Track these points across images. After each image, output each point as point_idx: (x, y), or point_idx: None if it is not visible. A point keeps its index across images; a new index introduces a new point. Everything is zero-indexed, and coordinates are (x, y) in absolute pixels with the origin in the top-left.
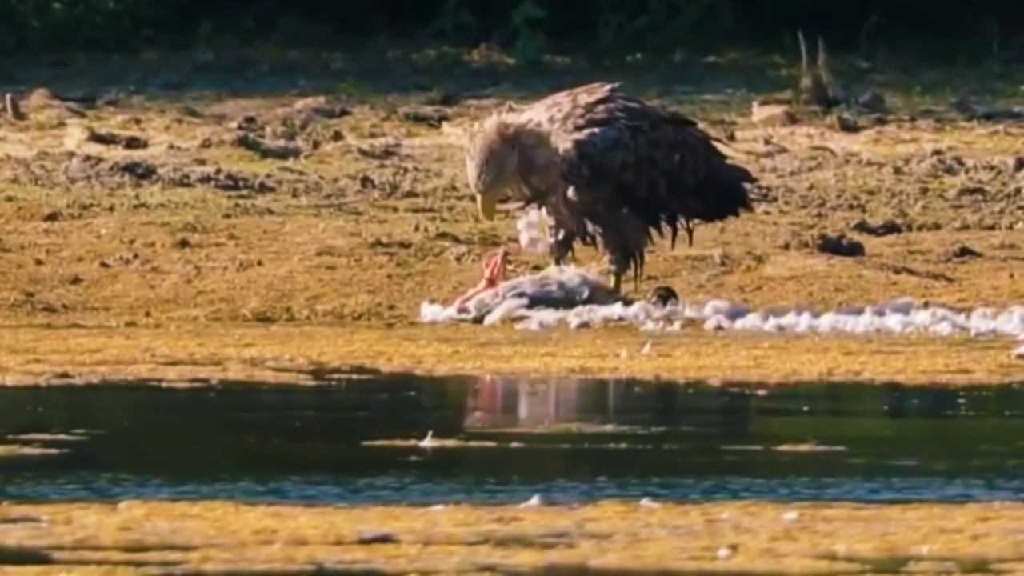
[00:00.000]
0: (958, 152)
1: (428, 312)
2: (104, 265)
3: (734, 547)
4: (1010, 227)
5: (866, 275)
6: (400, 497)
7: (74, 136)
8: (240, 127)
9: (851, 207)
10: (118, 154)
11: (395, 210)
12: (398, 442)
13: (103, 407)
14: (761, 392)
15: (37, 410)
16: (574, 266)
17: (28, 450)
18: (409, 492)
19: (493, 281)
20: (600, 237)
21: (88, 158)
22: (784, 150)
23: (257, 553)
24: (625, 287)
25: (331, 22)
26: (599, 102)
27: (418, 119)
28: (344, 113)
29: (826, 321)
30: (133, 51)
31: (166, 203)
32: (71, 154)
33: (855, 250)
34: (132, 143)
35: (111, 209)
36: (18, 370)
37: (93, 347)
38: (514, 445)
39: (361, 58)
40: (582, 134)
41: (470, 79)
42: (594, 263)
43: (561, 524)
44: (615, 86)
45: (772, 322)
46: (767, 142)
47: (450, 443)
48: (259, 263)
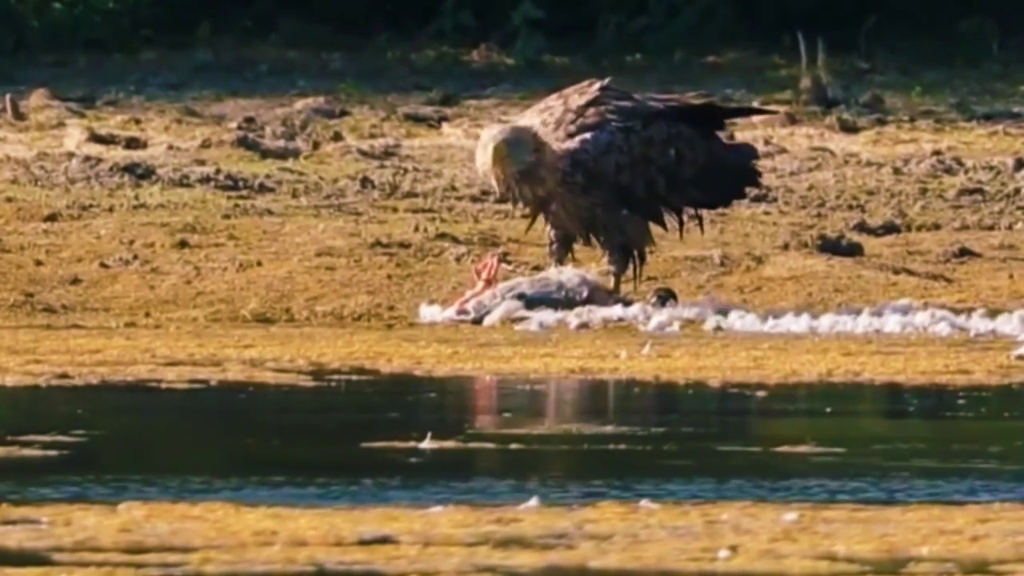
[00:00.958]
0: (957, 152)
1: (426, 313)
2: (104, 266)
3: (734, 548)
4: (1009, 227)
5: (865, 275)
6: (400, 498)
7: (74, 136)
8: (240, 127)
9: (850, 207)
10: (118, 154)
11: (395, 211)
12: (397, 443)
13: (103, 408)
14: (761, 393)
15: (37, 411)
16: (573, 267)
17: (28, 451)
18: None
19: (491, 282)
20: (601, 239)
21: (88, 158)
22: (784, 150)
23: (257, 554)
24: (625, 287)
25: (330, 22)
26: (589, 104)
27: (418, 119)
28: (344, 113)
29: (825, 322)
30: (133, 51)
31: (166, 204)
32: (71, 154)
33: (854, 250)
34: (132, 143)
35: (111, 210)
36: (18, 371)
37: (93, 348)
38: (513, 446)
39: (360, 58)
40: (574, 142)
41: (470, 79)
42: (593, 264)
43: (560, 525)
44: (605, 83)
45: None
46: (767, 142)
47: (449, 444)
48: (259, 264)
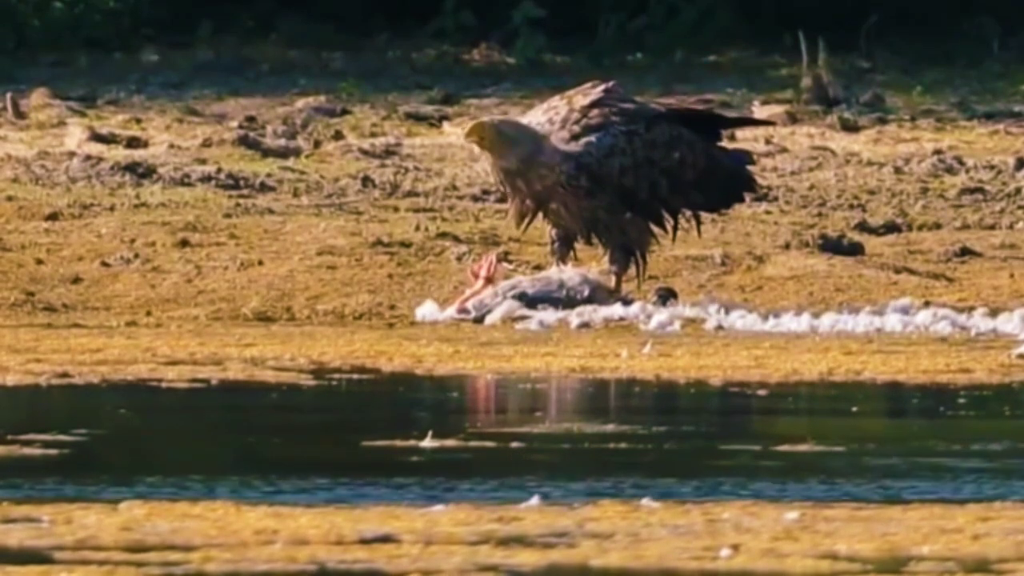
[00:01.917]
0: (958, 152)
1: (422, 312)
2: (105, 265)
3: (735, 547)
4: (1010, 227)
5: (866, 275)
6: (400, 497)
7: (74, 136)
8: (240, 126)
9: (851, 207)
10: (119, 153)
11: (396, 210)
12: (398, 442)
13: (103, 407)
14: (762, 392)
15: (37, 410)
16: (574, 266)
17: (28, 450)
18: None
19: (490, 280)
20: (602, 239)
21: (88, 158)
22: (785, 150)
23: (258, 553)
24: (626, 287)
25: (331, 22)
26: (593, 105)
27: (418, 118)
28: (344, 112)
29: (826, 321)
30: (133, 51)
31: (167, 203)
32: (71, 154)
33: (855, 250)
34: (133, 143)
35: (112, 209)
36: (18, 370)
37: (93, 347)
38: (514, 445)
39: (361, 58)
40: (578, 145)
41: (470, 79)
42: (594, 263)
43: (562, 524)
44: (609, 85)
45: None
46: (768, 142)
47: (450, 443)
48: (260, 263)
